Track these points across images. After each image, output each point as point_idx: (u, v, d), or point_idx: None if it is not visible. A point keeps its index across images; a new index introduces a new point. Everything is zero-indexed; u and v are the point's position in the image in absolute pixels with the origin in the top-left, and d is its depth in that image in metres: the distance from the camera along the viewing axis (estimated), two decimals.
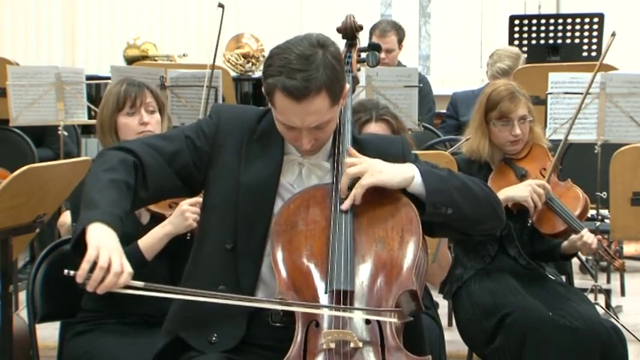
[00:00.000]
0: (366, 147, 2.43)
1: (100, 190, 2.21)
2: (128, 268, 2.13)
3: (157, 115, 3.15)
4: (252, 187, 2.36)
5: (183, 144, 2.38)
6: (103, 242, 2.11)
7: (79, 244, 2.14)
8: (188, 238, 2.95)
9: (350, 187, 2.29)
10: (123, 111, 3.10)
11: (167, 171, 2.35)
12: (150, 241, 2.92)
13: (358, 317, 2.17)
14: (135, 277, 2.94)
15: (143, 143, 2.37)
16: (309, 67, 2.21)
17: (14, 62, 5.80)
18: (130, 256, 2.88)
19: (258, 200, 2.35)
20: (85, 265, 2.08)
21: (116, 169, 2.26)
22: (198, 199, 2.82)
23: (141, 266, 2.90)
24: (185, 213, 2.87)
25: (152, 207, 3.03)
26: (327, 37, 2.31)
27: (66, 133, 5.44)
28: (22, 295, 3.55)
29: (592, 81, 3.93)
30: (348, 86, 2.39)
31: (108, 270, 2.09)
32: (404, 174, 2.29)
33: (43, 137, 5.75)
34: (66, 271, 2.10)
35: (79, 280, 2.09)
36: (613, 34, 3.81)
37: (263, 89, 2.31)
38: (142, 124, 3.09)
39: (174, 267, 3.01)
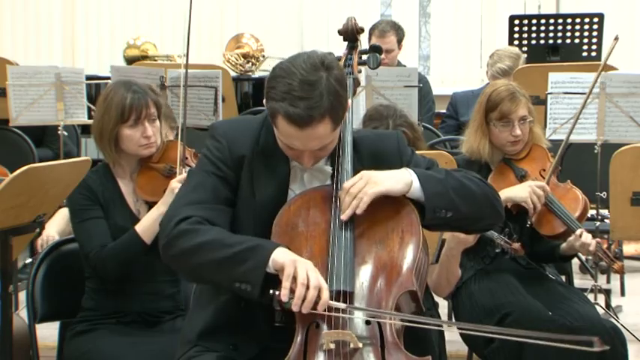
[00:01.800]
0: (361, 144, 2.43)
1: (234, 242, 2.21)
2: (325, 284, 2.14)
3: (157, 122, 3.10)
4: (266, 202, 2.36)
5: (212, 182, 2.35)
6: (297, 258, 2.15)
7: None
8: None
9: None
10: (127, 123, 3.02)
11: (222, 210, 2.34)
12: (146, 224, 2.92)
13: (359, 318, 2.17)
14: (138, 270, 2.96)
15: (190, 205, 2.31)
16: (312, 94, 2.18)
17: (14, 62, 5.81)
18: (130, 242, 2.91)
19: (273, 213, 2.34)
20: (286, 284, 2.11)
21: (208, 228, 2.25)
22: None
23: (142, 250, 2.91)
24: (175, 190, 2.85)
25: (149, 197, 3.04)
26: (331, 58, 2.28)
27: (66, 133, 5.44)
28: (22, 295, 3.55)
29: (595, 82, 3.92)
30: (350, 102, 2.36)
31: (307, 286, 2.11)
32: (403, 180, 2.29)
33: (43, 137, 5.75)
34: (272, 290, 2.13)
35: (284, 298, 2.11)
36: (616, 38, 3.80)
37: (266, 107, 2.28)
38: (145, 137, 3.04)
39: None
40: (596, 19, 6.15)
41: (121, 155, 3.08)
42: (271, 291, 2.12)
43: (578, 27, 6.17)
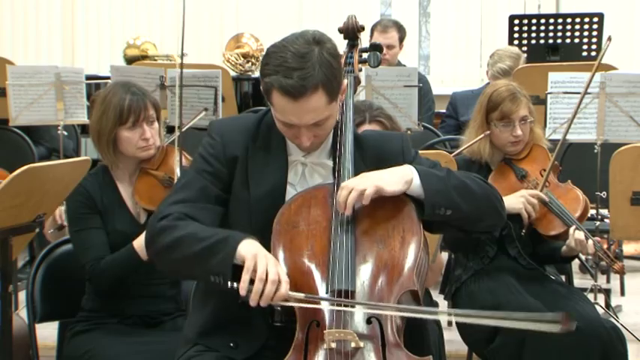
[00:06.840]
0: (366, 144, 2.44)
1: (207, 235, 2.21)
2: (285, 277, 2.14)
3: (156, 124, 3.09)
4: (263, 198, 2.36)
5: (201, 181, 2.37)
6: (259, 251, 2.15)
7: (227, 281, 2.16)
8: None
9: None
10: (125, 125, 3.01)
11: (207, 208, 2.35)
12: (143, 241, 2.91)
13: (360, 316, 2.16)
14: (136, 275, 2.96)
15: (174, 204, 2.34)
16: (305, 65, 2.21)
17: (13, 63, 5.79)
18: (127, 259, 2.91)
19: (270, 209, 2.34)
20: (245, 277, 2.11)
21: (186, 223, 2.26)
22: None
23: (138, 266, 2.91)
24: None
25: (146, 205, 3.03)
26: (323, 34, 2.31)
27: (65, 133, 5.43)
28: (22, 295, 3.55)
29: (589, 82, 3.92)
30: (346, 82, 2.39)
31: (266, 280, 2.11)
32: (404, 177, 2.29)
33: (36, 134, 5.71)
34: (229, 283, 2.13)
35: (243, 292, 2.12)
36: (609, 39, 3.80)
37: (261, 87, 2.31)
38: (143, 139, 3.03)
39: None
40: (595, 19, 6.15)
41: (120, 157, 3.07)
42: (229, 283, 2.12)
43: (577, 27, 6.17)
